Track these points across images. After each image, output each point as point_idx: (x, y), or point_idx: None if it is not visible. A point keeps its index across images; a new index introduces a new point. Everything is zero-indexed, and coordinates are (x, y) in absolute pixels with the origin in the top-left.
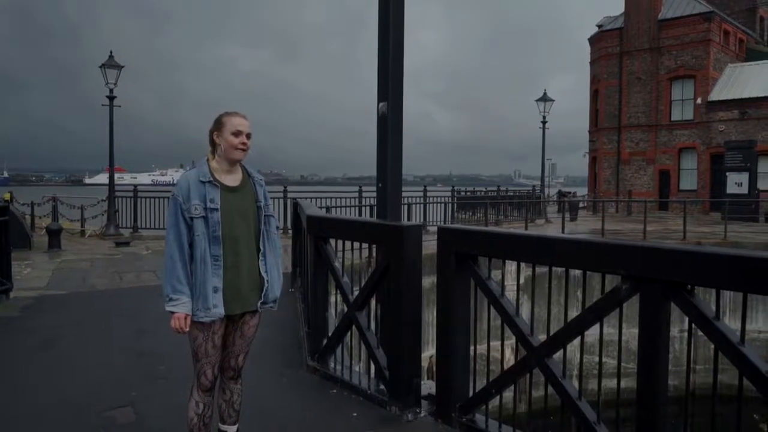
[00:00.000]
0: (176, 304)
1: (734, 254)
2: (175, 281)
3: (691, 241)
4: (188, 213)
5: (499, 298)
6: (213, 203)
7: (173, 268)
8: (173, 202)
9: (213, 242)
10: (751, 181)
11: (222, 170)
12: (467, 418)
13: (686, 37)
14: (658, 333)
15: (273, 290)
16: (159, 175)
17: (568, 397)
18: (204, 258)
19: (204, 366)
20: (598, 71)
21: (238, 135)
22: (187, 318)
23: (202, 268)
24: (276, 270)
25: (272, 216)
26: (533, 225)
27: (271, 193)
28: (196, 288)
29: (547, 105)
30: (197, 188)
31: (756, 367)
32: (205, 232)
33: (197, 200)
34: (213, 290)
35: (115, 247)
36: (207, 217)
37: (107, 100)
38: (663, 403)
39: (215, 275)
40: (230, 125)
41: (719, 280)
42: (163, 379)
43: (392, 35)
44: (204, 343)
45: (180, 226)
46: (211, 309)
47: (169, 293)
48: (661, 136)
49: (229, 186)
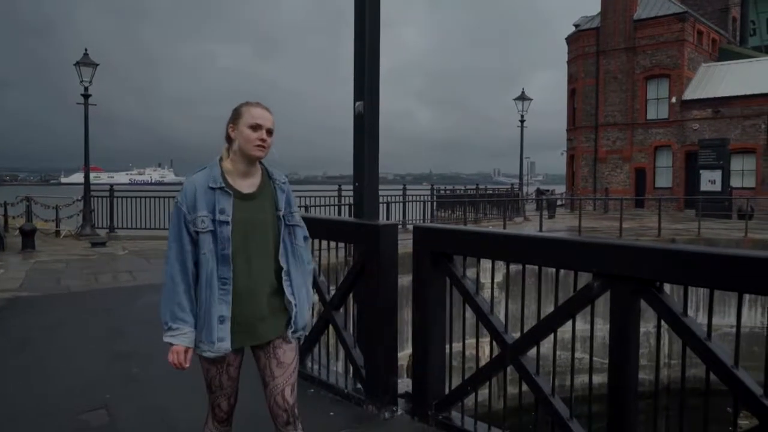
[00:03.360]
0: (175, 334)
1: (701, 251)
2: (175, 307)
3: (666, 238)
4: (193, 226)
5: (474, 296)
6: (223, 215)
7: (173, 291)
8: (176, 212)
9: (221, 262)
10: (724, 179)
11: (237, 173)
12: (443, 415)
13: (661, 37)
14: (628, 329)
15: (302, 315)
16: (137, 174)
17: (542, 394)
18: (210, 281)
19: (218, 398)
20: (575, 70)
21: (256, 129)
22: (188, 351)
23: (208, 293)
24: (305, 291)
25: (299, 226)
26: (512, 223)
27: None
28: (200, 317)
29: (525, 104)
30: (205, 196)
31: (722, 361)
32: (213, 249)
33: (205, 211)
34: (219, 320)
35: (90, 248)
36: (216, 231)
37: (83, 98)
38: (633, 398)
39: (222, 302)
40: (248, 117)
41: (687, 277)
42: (137, 381)
43: (368, 33)
44: (218, 376)
45: (183, 241)
46: (215, 343)
47: (167, 321)
48: (637, 135)
49: (244, 193)
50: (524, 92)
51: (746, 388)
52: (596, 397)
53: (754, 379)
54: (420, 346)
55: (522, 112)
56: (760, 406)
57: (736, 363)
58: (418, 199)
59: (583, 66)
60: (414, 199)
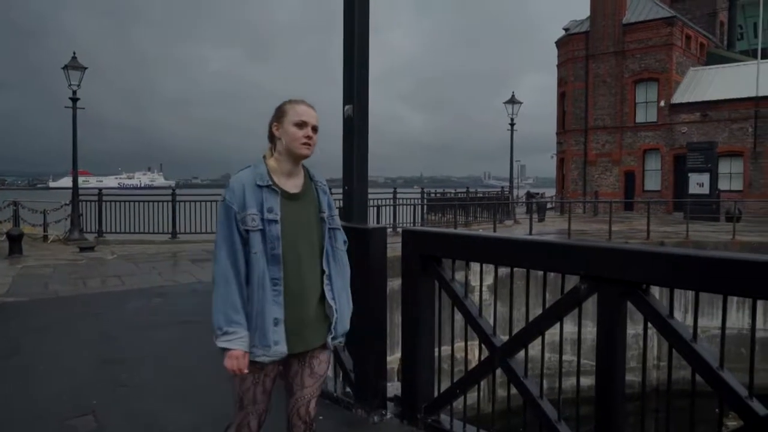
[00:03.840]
0: (231, 339)
1: (686, 254)
2: (229, 309)
3: (655, 241)
4: (243, 224)
5: (463, 299)
6: (272, 213)
7: (227, 292)
8: (225, 210)
9: (272, 262)
10: (712, 182)
11: (282, 172)
12: (432, 418)
13: (650, 41)
14: (615, 331)
15: (342, 322)
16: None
17: (530, 396)
18: (262, 281)
19: (248, 416)
20: (565, 74)
21: (302, 126)
22: (246, 356)
23: (260, 294)
24: (345, 296)
25: (339, 229)
26: (502, 226)
27: None
28: (252, 319)
29: (515, 107)
30: (254, 193)
31: (707, 363)
32: (263, 248)
33: (254, 209)
34: (273, 323)
35: (78, 252)
36: (265, 230)
37: (71, 101)
38: (621, 400)
39: (275, 303)
40: (293, 114)
41: (673, 279)
42: (125, 387)
43: (357, 37)
44: (253, 388)
45: (234, 239)
46: (271, 347)
47: (222, 325)
48: (627, 138)
49: (290, 192)
50: (514, 96)
51: (731, 389)
52: (585, 399)
53: (739, 381)
54: (409, 350)
55: (512, 115)
56: (744, 407)
57: (722, 365)
58: (409, 202)
59: (572, 69)
60: (404, 202)
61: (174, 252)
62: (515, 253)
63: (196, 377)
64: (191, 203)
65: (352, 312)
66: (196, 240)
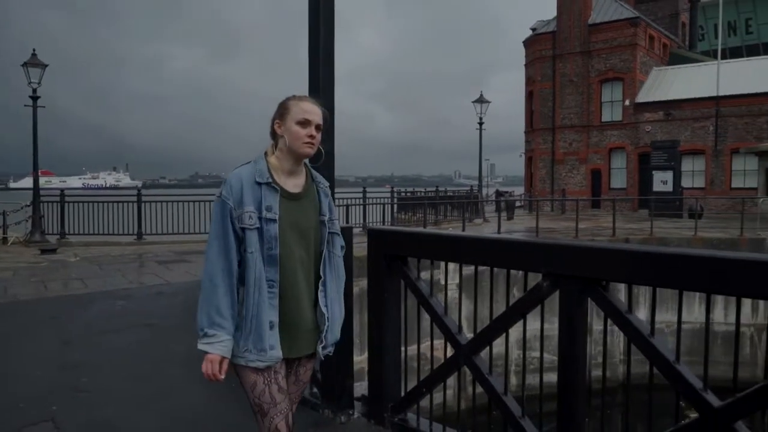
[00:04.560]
0: (211, 341)
1: (643, 251)
2: (213, 311)
3: (620, 238)
4: (239, 222)
5: (428, 298)
6: (270, 212)
7: (212, 293)
8: (220, 207)
9: (269, 263)
10: (675, 179)
11: (283, 170)
12: (399, 417)
13: (614, 41)
14: (576, 327)
15: (333, 330)
16: (90, 178)
17: (495, 393)
18: (259, 283)
19: (274, 419)
20: (532, 73)
21: (305, 125)
22: (224, 362)
23: (257, 295)
24: (338, 304)
25: (338, 234)
26: (471, 225)
27: (206, 197)
28: (246, 322)
29: (483, 106)
30: (252, 190)
31: (664, 357)
32: (259, 248)
33: (251, 206)
34: (269, 326)
35: (40, 255)
36: (262, 229)
37: (31, 99)
38: (582, 394)
39: (271, 306)
40: (297, 112)
41: (631, 275)
42: (86, 392)
43: (323, 36)
44: (266, 388)
45: (229, 238)
46: (267, 351)
47: (204, 326)
48: (593, 137)
49: (291, 192)
50: (482, 95)
51: (687, 382)
52: (552, 395)
53: (695, 374)
54: (375, 349)
55: (480, 114)
56: (699, 399)
57: (678, 358)
58: (379, 201)
59: (540, 69)
60: (374, 201)
61: (140, 253)
62: (479, 252)
63: (161, 381)
64: (158, 203)
65: (343, 319)
66: (162, 241)
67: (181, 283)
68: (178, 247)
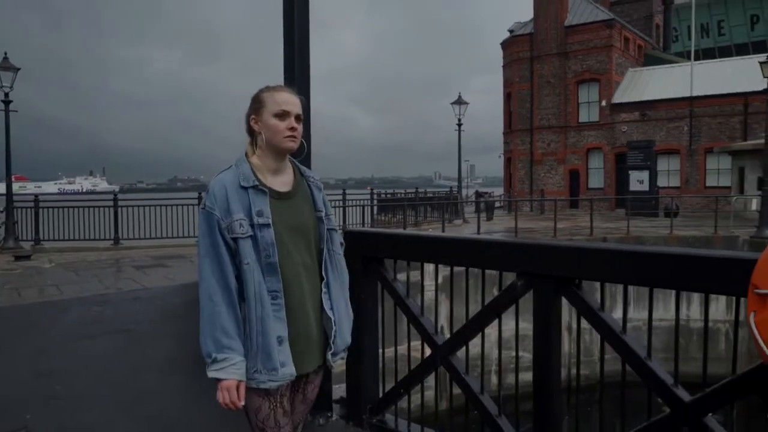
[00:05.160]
0: (224, 366)
1: (615, 249)
2: (219, 333)
3: (598, 237)
4: (230, 232)
5: (405, 299)
6: (262, 217)
7: (214, 313)
8: (206, 218)
9: (268, 272)
10: (651, 179)
11: (267, 169)
12: (377, 419)
13: (590, 43)
14: (550, 326)
15: (342, 334)
16: (66, 183)
17: (471, 393)
18: (260, 295)
19: None
20: (510, 75)
21: (283, 117)
22: (240, 386)
23: (259, 310)
24: (344, 304)
25: (335, 230)
26: (451, 225)
27: (185, 200)
28: (252, 340)
29: (461, 108)
30: (239, 196)
31: (636, 353)
32: (256, 257)
33: (241, 213)
34: (278, 341)
35: (14, 261)
36: (256, 236)
37: (3, 104)
38: (557, 391)
39: (278, 319)
40: (272, 104)
41: (603, 274)
42: (61, 399)
43: (297, 36)
44: (272, 413)
45: (220, 251)
46: (278, 370)
47: (211, 352)
48: (571, 137)
49: (280, 191)
50: (461, 96)
51: (658, 378)
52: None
53: (666, 370)
54: (353, 351)
55: (459, 116)
56: (670, 394)
57: (649, 354)
58: (359, 203)
59: (517, 71)
60: (354, 203)
61: (117, 259)
62: (455, 253)
63: (137, 387)
64: (135, 208)
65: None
66: (140, 246)
67: (159, 288)
68: (156, 251)
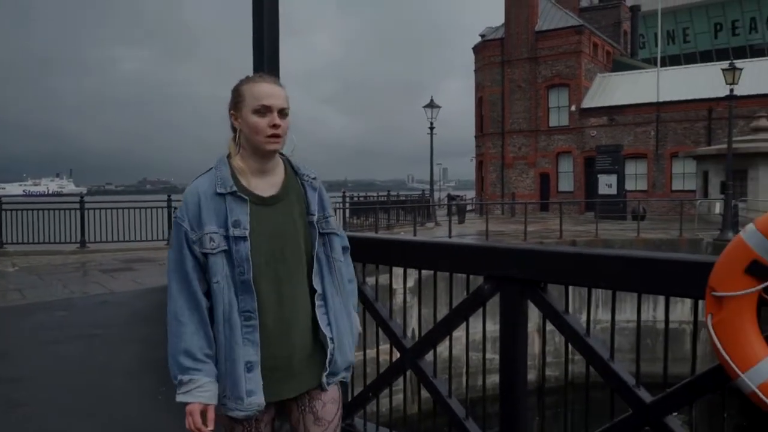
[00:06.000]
0: (189, 389)
1: (579, 253)
2: (182, 355)
3: (567, 240)
4: (200, 247)
5: (374, 302)
6: (238, 228)
7: (179, 334)
8: (176, 231)
9: (242, 290)
10: (619, 183)
11: (251, 171)
12: (347, 422)
13: (560, 48)
14: (517, 329)
15: (342, 352)
16: (32, 185)
17: (439, 396)
18: (229, 317)
19: None
20: (482, 79)
21: (264, 113)
22: (208, 410)
23: (227, 332)
24: (346, 318)
25: (336, 233)
26: (423, 228)
27: (155, 203)
28: (220, 365)
29: (434, 111)
30: (213, 205)
31: (599, 355)
32: (229, 274)
33: (213, 225)
34: (246, 368)
35: None
36: (230, 250)
37: None
38: (523, 393)
39: (248, 343)
40: (251, 98)
41: (567, 276)
42: (23, 406)
43: (267, 35)
44: None
45: (187, 268)
46: (244, 399)
47: (177, 374)
48: (541, 141)
49: (264, 196)
50: (433, 100)
51: (621, 379)
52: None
53: (628, 371)
54: None
55: (431, 119)
56: (632, 395)
57: (612, 356)
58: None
59: (489, 75)
60: None
61: (83, 262)
62: (423, 256)
63: (101, 393)
64: (102, 210)
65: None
66: (107, 249)
67: (126, 292)
68: (124, 254)
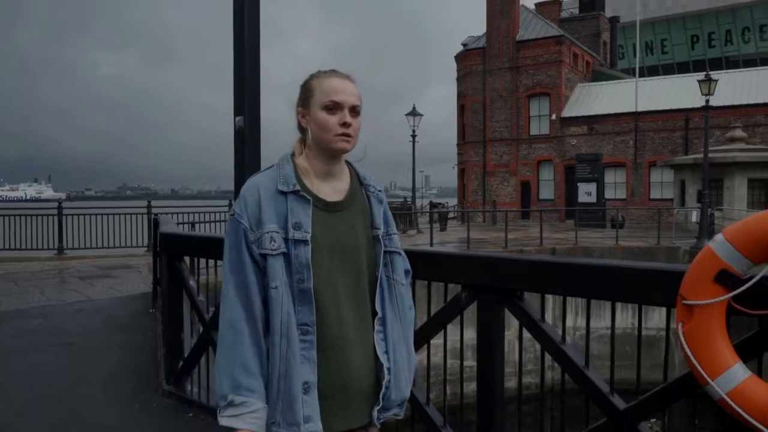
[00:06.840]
0: (240, 412)
1: (554, 261)
2: (238, 370)
3: (548, 248)
4: (259, 247)
5: None
6: (299, 231)
7: (236, 345)
8: (233, 228)
9: (300, 300)
10: (599, 191)
11: (315, 173)
12: None
13: (541, 58)
14: (493, 336)
15: (399, 386)
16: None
17: (417, 403)
18: (287, 328)
19: None
20: (464, 87)
21: (335, 110)
22: None
23: (284, 346)
24: (404, 349)
25: (399, 254)
26: (405, 236)
27: (135, 209)
28: (272, 383)
29: (416, 119)
30: (274, 203)
31: (574, 363)
32: (287, 281)
33: (274, 224)
34: (303, 389)
35: None
36: (289, 254)
37: None
38: (500, 400)
39: (305, 361)
40: (321, 93)
41: (543, 285)
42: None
43: (247, 47)
44: None
45: (246, 270)
46: (300, 425)
47: (226, 393)
48: (522, 150)
49: (328, 201)
50: (415, 108)
51: (595, 386)
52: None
53: (603, 379)
54: None
55: (414, 127)
56: (606, 402)
57: (587, 364)
58: None
59: (471, 83)
60: None
61: (60, 269)
62: None
63: (76, 402)
64: (81, 216)
65: (414, 372)
66: (86, 255)
67: (104, 299)
68: (102, 261)
